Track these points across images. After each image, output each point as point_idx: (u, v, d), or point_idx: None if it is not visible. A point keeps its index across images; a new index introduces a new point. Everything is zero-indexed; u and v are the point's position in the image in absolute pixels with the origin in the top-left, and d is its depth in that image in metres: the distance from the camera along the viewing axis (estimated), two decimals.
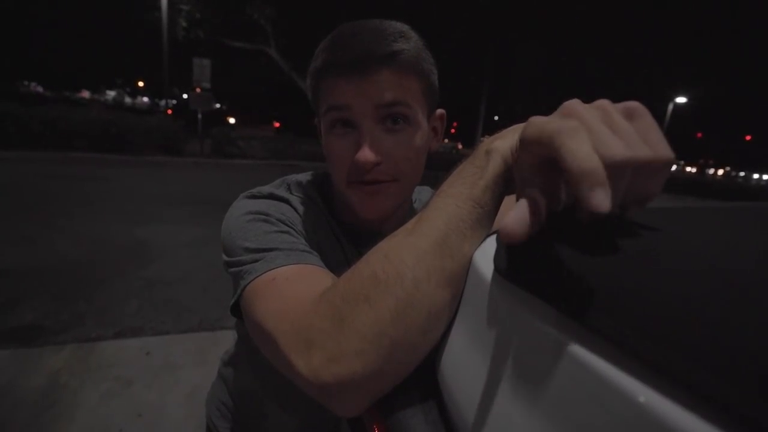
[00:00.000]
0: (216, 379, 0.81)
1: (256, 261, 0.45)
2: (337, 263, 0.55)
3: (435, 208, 0.34)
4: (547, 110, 0.30)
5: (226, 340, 2.25)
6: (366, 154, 0.49)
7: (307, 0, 11.37)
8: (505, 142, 0.33)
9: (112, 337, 2.20)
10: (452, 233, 0.33)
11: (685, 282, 0.21)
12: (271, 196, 0.56)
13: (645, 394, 0.17)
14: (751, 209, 0.41)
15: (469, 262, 0.34)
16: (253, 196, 0.55)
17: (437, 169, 0.76)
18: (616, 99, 0.28)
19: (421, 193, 0.73)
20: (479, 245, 0.35)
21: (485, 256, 0.34)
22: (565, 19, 15.27)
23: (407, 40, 0.49)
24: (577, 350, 0.22)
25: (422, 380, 0.37)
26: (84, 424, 1.60)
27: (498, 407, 0.27)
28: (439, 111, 0.59)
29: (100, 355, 2.03)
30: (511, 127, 0.35)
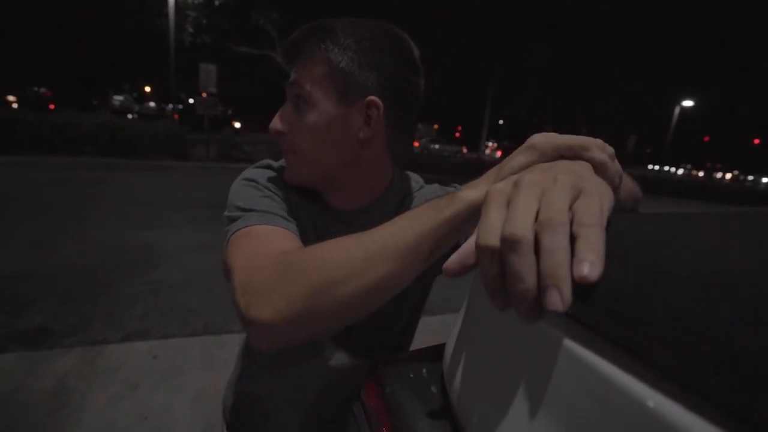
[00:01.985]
0: (231, 373, 0.83)
1: (239, 218, 0.54)
2: (307, 234, 0.61)
3: (392, 224, 0.41)
4: (551, 115, 0.30)
5: (232, 343, 2.26)
6: (273, 121, 0.59)
7: (312, 5, 11.45)
8: (472, 192, 0.39)
9: (118, 340, 2.22)
10: (401, 244, 0.39)
11: (688, 286, 0.21)
12: (268, 166, 0.64)
13: (650, 396, 0.17)
14: (755, 214, 0.41)
15: (417, 272, 0.41)
16: (255, 166, 0.65)
17: (443, 173, 0.77)
18: (621, 102, 0.28)
19: (423, 188, 0.73)
20: (423, 258, 0.40)
21: None
22: (571, 22, 15.26)
23: (333, 32, 0.54)
24: (583, 353, 0.22)
25: (430, 382, 0.37)
26: (91, 426, 1.61)
27: (504, 409, 0.27)
28: (369, 98, 0.55)
29: (107, 359, 2.04)
30: (487, 174, 0.41)
